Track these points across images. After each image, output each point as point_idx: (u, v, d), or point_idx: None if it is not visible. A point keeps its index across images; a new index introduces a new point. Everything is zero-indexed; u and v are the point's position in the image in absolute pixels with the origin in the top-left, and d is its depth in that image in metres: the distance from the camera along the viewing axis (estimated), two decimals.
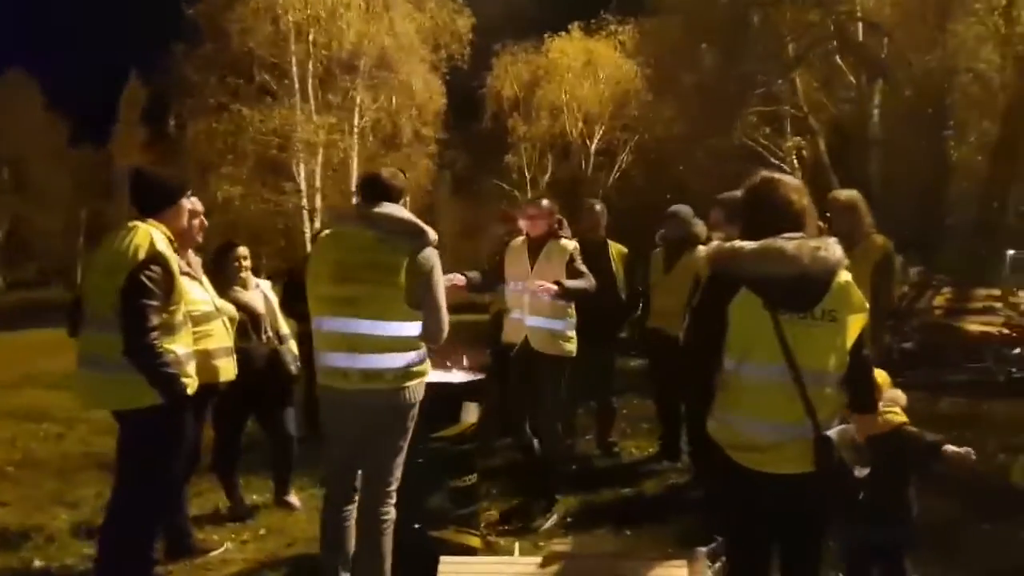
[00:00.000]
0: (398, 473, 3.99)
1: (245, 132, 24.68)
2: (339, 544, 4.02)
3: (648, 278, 6.82)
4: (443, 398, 4.61)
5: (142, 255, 3.81)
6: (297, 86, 25.39)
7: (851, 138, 15.77)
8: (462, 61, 28.07)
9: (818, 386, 2.93)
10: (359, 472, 4.03)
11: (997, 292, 11.02)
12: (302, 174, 25.81)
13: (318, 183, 25.91)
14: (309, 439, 6.06)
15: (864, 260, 4.95)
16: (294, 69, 25.32)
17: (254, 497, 6.05)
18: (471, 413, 4.63)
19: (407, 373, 3.90)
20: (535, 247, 5.54)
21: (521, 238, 5.73)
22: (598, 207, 7.02)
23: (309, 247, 26.50)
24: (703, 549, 4.15)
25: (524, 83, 30.80)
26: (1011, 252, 11.95)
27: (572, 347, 5.51)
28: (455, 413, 4.60)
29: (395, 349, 3.86)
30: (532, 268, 5.49)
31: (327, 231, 4.16)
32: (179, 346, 3.94)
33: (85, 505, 5.93)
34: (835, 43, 14.08)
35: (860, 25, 13.12)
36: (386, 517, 3.96)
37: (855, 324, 3.00)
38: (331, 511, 4.06)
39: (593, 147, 31.25)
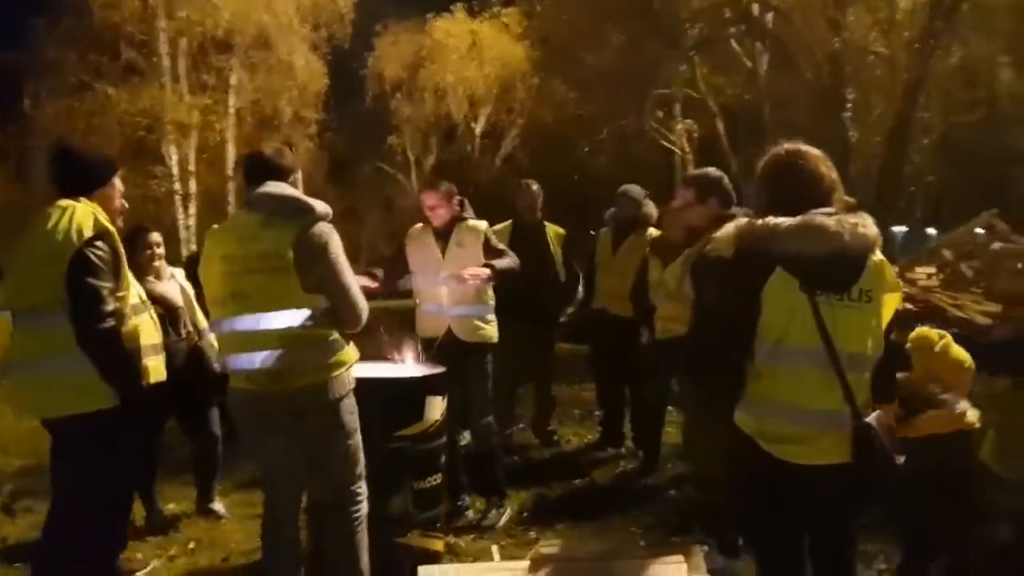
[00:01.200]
0: (357, 470, 3.62)
1: (110, 113, 23.10)
2: (291, 563, 3.63)
3: (588, 260, 6.62)
4: (401, 394, 4.28)
5: (87, 232, 3.35)
6: (167, 65, 23.95)
7: (748, 121, 16.10)
8: (343, 41, 27.16)
9: (856, 371, 2.75)
10: (302, 479, 3.65)
11: (895, 269, 11.26)
12: (174, 158, 24.41)
13: (192, 167, 24.57)
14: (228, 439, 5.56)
15: None
16: (163, 47, 23.87)
17: (171, 506, 5.52)
18: (435, 409, 4.27)
19: (321, 366, 3.47)
20: (442, 234, 5.15)
21: (420, 225, 5.34)
22: (534, 187, 6.71)
23: (183, 234, 25.34)
24: (701, 547, 3.98)
25: (407, 64, 29.98)
26: (901, 229, 12.38)
27: (495, 331, 5.21)
28: (417, 410, 4.23)
29: (300, 342, 3.43)
30: (444, 256, 5.12)
31: (216, 226, 3.74)
32: (131, 337, 3.44)
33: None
34: (741, 28, 14.22)
35: (757, 7, 13.27)
36: (357, 514, 3.61)
37: (889, 305, 2.85)
38: (275, 526, 3.64)
39: (479, 129, 30.85)
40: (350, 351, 3.59)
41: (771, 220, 2.75)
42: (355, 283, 3.55)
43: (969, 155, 16.91)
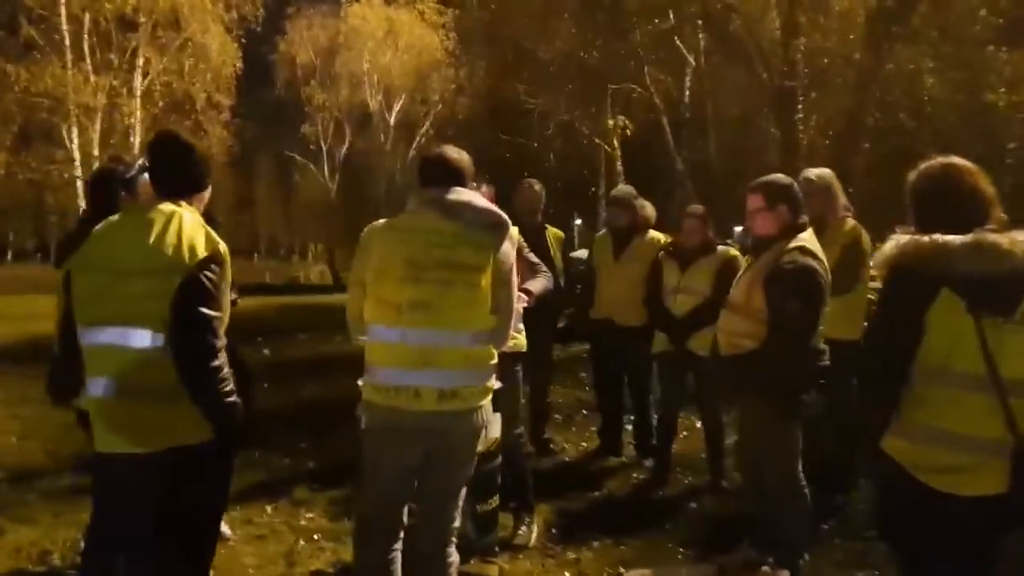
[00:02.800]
0: (460, 506, 3.41)
1: (7, 92, 21.74)
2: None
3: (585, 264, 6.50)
4: None
5: (201, 251, 2.97)
6: (70, 42, 22.62)
7: (692, 119, 16.28)
8: (255, 23, 26.25)
9: (1020, 397, 2.69)
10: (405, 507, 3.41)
11: None
12: (76, 141, 23.14)
13: (96, 151, 23.31)
14: None
15: (833, 244, 4.84)
16: (65, 24, 22.53)
17: None
18: (495, 427, 4.06)
19: (483, 390, 3.36)
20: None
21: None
22: (536, 187, 6.51)
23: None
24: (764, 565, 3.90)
25: (321, 49, 29.33)
26: None
27: (524, 340, 5.04)
28: None
29: (475, 363, 3.29)
30: None
31: (385, 221, 3.46)
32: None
33: None
34: (691, 23, 14.36)
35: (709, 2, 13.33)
36: (451, 560, 3.41)
37: None
38: (375, 553, 3.38)
39: (393, 119, 30.39)
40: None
41: (939, 238, 2.65)
42: None
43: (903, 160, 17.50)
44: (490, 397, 3.41)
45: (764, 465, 4.16)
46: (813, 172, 5.26)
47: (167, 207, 3.06)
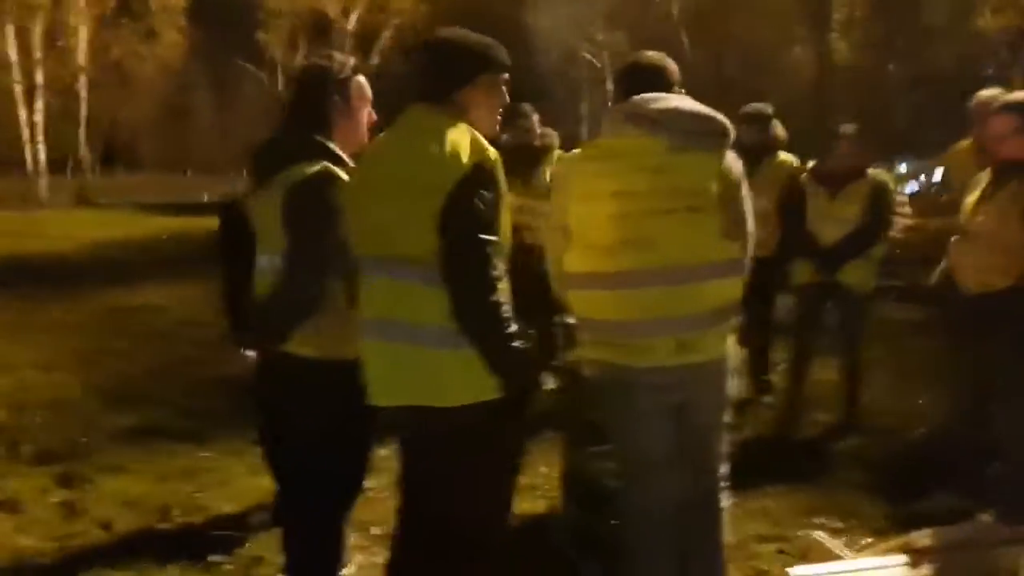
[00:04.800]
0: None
1: None
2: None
3: None
4: None
5: (467, 161, 2.37)
6: None
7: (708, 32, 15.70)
8: None
9: None
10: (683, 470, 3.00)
11: None
12: (13, 45, 21.37)
13: (38, 54, 21.62)
14: None
15: None
16: None
17: None
18: None
19: (727, 331, 2.90)
20: None
21: None
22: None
23: (25, 133, 22.24)
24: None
25: None
26: None
27: None
28: None
29: (714, 303, 2.80)
30: None
31: (580, 149, 2.94)
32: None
33: None
34: None
35: None
36: (722, 510, 3.04)
37: None
38: (655, 531, 2.97)
39: (350, 28, 28.92)
40: None
41: None
42: None
43: None
44: (734, 342, 2.97)
45: (999, 411, 3.87)
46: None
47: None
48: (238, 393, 5.87)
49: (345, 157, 2.85)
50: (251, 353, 3.60)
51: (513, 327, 2.38)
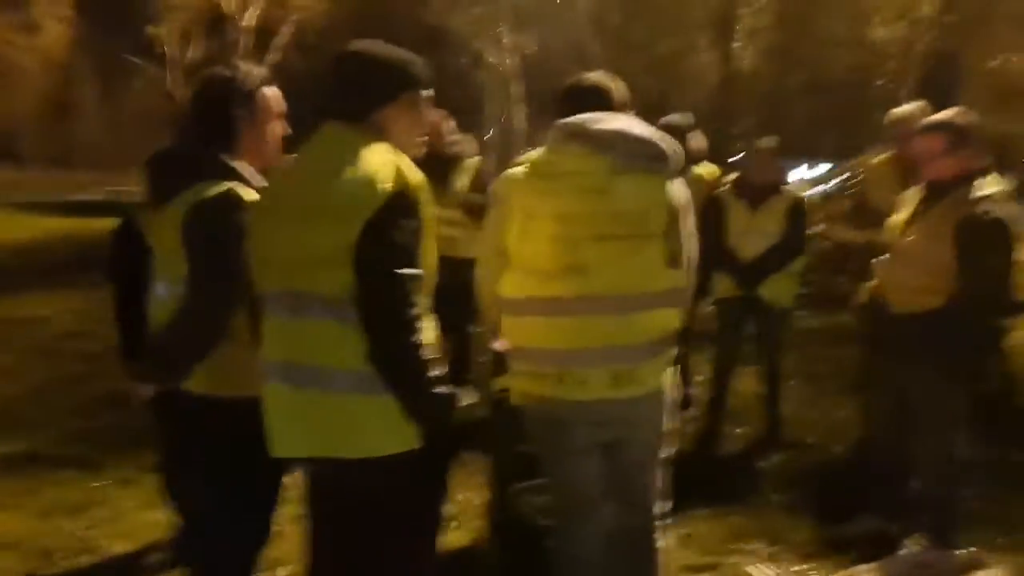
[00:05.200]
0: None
1: None
2: None
3: None
4: None
5: (388, 187, 2.13)
6: None
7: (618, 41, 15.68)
8: None
9: None
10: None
11: None
12: None
13: None
14: None
15: None
16: None
17: None
18: None
19: (665, 363, 2.76)
20: None
21: None
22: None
23: None
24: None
25: None
26: None
27: None
28: None
29: (653, 334, 2.67)
30: None
31: (521, 167, 2.75)
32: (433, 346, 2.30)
33: None
34: None
35: None
36: (658, 540, 2.92)
37: None
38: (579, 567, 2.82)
39: (245, 23, 27.88)
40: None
41: None
42: None
43: None
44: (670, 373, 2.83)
45: (924, 432, 3.83)
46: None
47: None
48: (130, 413, 5.52)
49: (252, 177, 2.58)
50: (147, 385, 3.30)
51: (435, 371, 2.17)
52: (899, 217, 3.87)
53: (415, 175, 2.18)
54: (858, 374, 5.38)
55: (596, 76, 2.88)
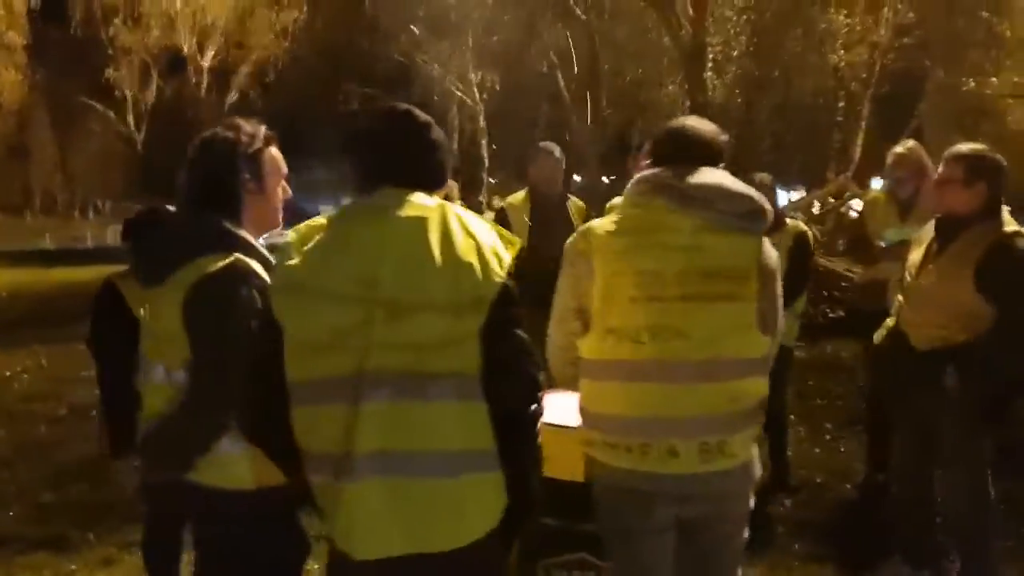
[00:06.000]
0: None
1: None
2: None
3: None
4: None
5: (507, 265, 2.03)
6: None
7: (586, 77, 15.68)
8: None
9: None
10: None
11: None
12: None
13: None
14: None
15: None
16: None
17: None
18: None
19: (754, 436, 2.55)
20: None
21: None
22: (556, 153, 5.62)
23: None
24: None
25: None
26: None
27: None
28: None
29: (745, 401, 2.45)
30: None
31: (601, 221, 2.56)
32: None
33: None
34: None
35: None
36: None
37: None
38: None
39: (206, 64, 27.66)
40: None
41: None
42: None
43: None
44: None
45: (951, 474, 3.69)
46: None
47: (435, 203, 2.08)
48: (105, 484, 5.20)
49: (258, 245, 2.36)
50: (133, 464, 3.08)
51: None
52: (915, 255, 3.75)
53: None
54: (867, 409, 5.28)
55: (699, 124, 2.63)
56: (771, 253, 2.49)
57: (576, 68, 15.85)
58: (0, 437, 6.70)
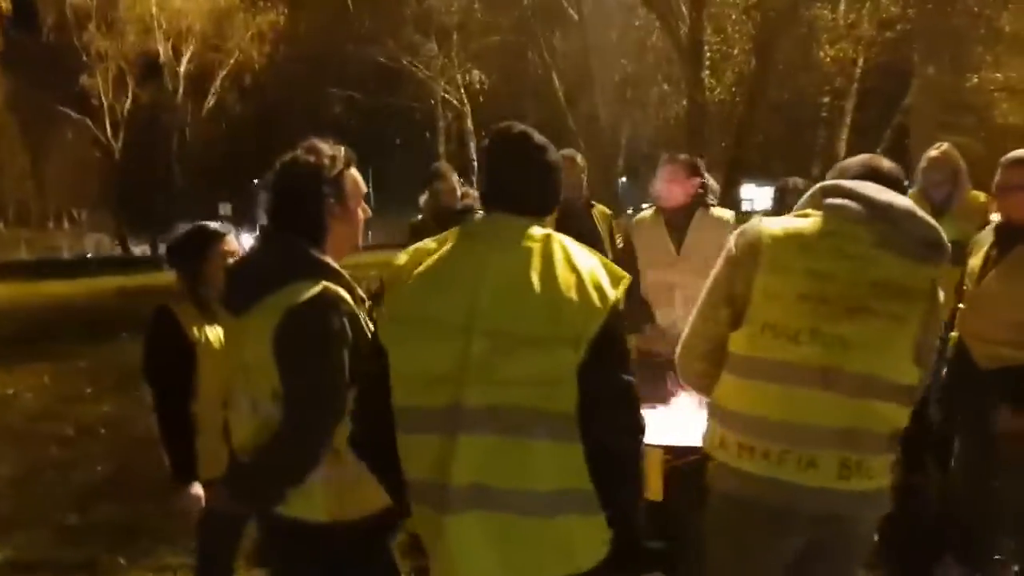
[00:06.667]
0: None
1: None
2: None
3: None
4: None
5: (612, 301, 1.95)
6: None
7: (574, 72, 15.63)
8: None
9: None
10: None
11: None
12: None
13: None
14: None
15: None
16: None
17: None
18: None
19: (890, 463, 2.41)
20: (678, 220, 4.22)
21: (652, 210, 4.38)
22: (579, 159, 5.55)
23: None
24: None
25: None
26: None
27: None
28: None
29: (892, 424, 2.35)
30: (679, 250, 4.20)
31: (773, 220, 2.40)
32: None
33: None
34: None
35: None
36: None
37: None
38: None
39: (182, 69, 27.34)
40: None
41: None
42: None
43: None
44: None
45: (1010, 489, 3.68)
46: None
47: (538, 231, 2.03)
48: (132, 503, 5.07)
49: (342, 271, 2.31)
50: (197, 491, 3.02)
51: None
52: (974, 262, 3.72)
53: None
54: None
55: (890, 165, 2.52)
56: (941, 289, 2.39)
57: (568, 69, 15.89)
58: (11, 458, 6.55)
